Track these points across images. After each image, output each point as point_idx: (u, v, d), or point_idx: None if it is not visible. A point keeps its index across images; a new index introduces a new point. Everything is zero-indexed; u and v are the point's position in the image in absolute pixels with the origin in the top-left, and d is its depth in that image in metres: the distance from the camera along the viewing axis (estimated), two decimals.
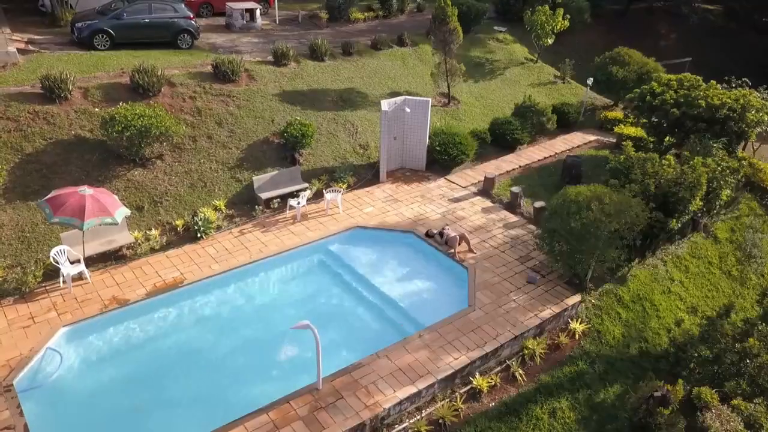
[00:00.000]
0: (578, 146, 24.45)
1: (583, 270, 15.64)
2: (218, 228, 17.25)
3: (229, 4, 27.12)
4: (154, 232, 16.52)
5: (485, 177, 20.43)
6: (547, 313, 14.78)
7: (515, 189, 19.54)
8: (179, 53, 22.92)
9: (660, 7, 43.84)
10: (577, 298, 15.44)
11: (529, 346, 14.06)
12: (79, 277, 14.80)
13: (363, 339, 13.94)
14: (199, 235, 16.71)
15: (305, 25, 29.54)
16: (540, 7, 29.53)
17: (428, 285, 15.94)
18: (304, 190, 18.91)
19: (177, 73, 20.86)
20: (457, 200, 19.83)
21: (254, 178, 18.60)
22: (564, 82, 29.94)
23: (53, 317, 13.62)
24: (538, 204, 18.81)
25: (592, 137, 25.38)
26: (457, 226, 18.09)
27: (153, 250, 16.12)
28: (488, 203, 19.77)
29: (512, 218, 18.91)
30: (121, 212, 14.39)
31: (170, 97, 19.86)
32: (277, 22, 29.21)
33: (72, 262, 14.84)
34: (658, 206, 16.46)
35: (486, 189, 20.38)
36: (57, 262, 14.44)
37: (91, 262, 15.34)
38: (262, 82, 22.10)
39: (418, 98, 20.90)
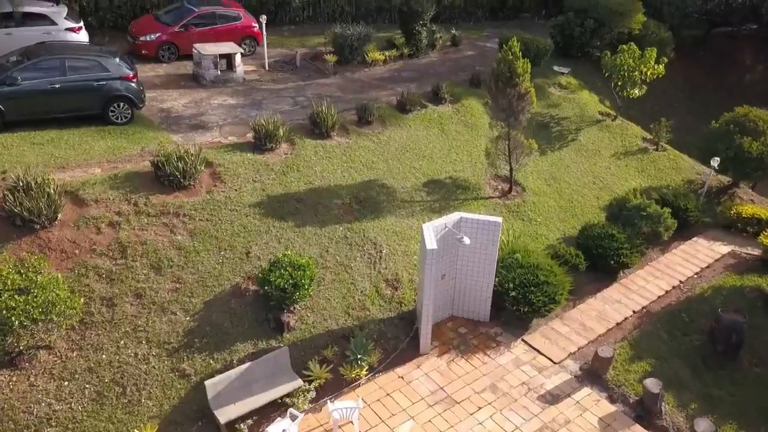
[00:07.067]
0: (708, 266, 16.34)
1: None
2: None
3: (197, 47, 19.15)
4: None
5: (596, 354, 12.46)
6: None
7: (651, 386, 11.53)
8: (108, 135, 14.93)
9: (743, 33, 35.80)
10: None
11: None
12: None
13: None
14: None
15: (305, 71, 21.67)
16: (624, 46, 21.49)
17: None
18: (296, 395, 11.02)
19: (94, 179, 13.00)
20: (552, 398, 11.88)
21: (207, 383, 10.69)
22: (658, 149, 21.91)
23: None
24: (703, 427, 10.83)
25: (723, 247, 17.24)
26: None
27: None
28: (606, 404, 11.81)
29: None
30: None
31: (74, 226, 12.00)
32: (267, 68, 21.30)
33: None
34: None
35: (596, 371, 12.45)
36: None
37: None
38: (234, 183, 14.18)
39: (480, 218, 12.99)
